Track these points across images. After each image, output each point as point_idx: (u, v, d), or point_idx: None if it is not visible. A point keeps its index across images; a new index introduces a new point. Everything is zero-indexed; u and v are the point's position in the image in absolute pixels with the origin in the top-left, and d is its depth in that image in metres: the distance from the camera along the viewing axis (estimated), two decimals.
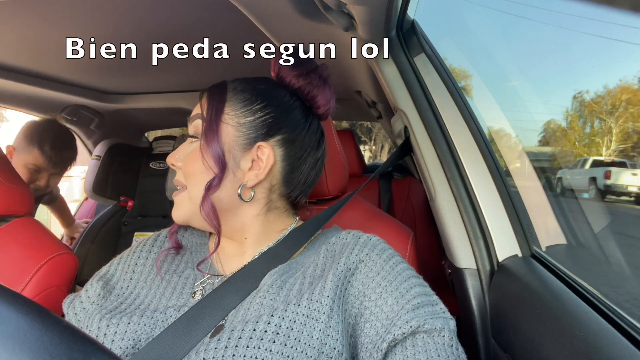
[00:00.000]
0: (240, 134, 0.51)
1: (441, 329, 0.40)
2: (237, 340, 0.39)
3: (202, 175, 0.50)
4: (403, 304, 0.42)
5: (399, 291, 0.44)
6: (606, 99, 3.26)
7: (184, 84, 1.31)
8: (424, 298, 0.44)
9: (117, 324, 0.45)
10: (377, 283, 0.45)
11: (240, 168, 0.51)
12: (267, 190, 0.53)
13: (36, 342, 0.21)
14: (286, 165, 0.53)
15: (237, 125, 0.51)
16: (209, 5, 0.73)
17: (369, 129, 9.23)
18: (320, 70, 0.57)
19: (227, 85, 0.54)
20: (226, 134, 0.51)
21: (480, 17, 1.17)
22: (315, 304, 0.42)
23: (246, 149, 0.51)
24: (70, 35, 0.85)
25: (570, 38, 1.03)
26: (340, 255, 0.48)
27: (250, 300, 0.46)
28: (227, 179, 0.50)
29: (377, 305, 0.43)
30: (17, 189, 0.77)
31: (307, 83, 0.55)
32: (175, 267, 0.54)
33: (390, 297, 0.43)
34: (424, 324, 0.40)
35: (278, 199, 0.55)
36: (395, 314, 0.42)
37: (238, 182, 0.51)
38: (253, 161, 0.51)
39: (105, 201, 1.59)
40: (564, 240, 0.81)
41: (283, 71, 0.56)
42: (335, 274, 0.45)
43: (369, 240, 0.50)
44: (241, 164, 0.51)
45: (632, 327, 0.39)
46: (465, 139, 0.66)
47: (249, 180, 0.51)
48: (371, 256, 0.48)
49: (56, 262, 0.75)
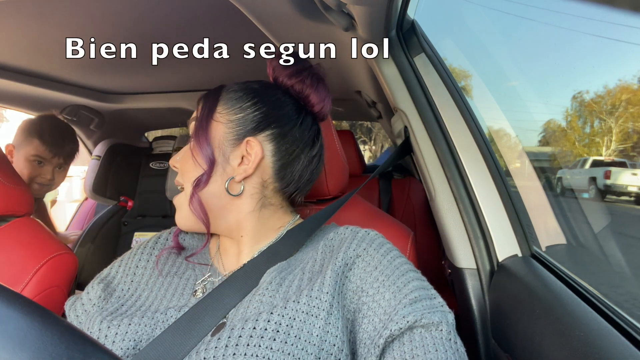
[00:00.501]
0: (230, 130, 0.52)
1: (439, 323, 0.40)
2: (237, 339, 0.39)
3: (193, 172, 0.52)
4: (400, 298, 0.42)
5: (397, 285, 0.43)
6: (606, 99, 3.26)
7: (184, 84, 1.31)
8: (422, 292, 0.43)
9: (117, 325, 0.45)
10: (374, 277, 0.45)
11: (229, 164, 0.52)
12: (260, 186, 0.53)
13: (36, 342, 0.21)
14: (277, 160, 0.53)
15: (227, 122, 0.52)
16: (209, 5, 0.73)
17: (369, 129, 9.23)
18: (314, 69, 0.57)
19: (222, 88, 0.56)
20: (216, 131, 0.52)
21: (480, 17, 1.17)
22: (314, 300, 0.42)
23: (235, 145, 0.52)
24: (70, 35, 0.85)
25: (570, 38, 1.03)
26: (338, 250, 0.48)
27: (249, 298, 0.46)
28: (216, 174, 0.52)
29: (375, 300, 0.43)
30: (17, 189, 0.77)
31: (299, 81, 0.55)
32: (176, 269, 0.55)
33: (388, 291, 0.43)
34: (421, 318, 0.39)
35: (273, 195, 0.55)
36: (393, 308, 0.41)
37: (227, 177, 0.52)
38: (243, 157, 0.52)
39: (105, 201, 1.59)
40: (564, 240, 0.81)
41: (277, 70, 0.57)
42: (333, 269, 0.45)
43: (367, 234, 0.50)
44: (231, 159, 0.52)
45: (632, 327, 0.39)
46: (465, 139, 0.66)
47: (238, 174, 0.52)
48: (368, 250, 0.47)
49: (56, 262, 0.75)
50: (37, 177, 1.15)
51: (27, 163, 1.13)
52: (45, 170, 1.16)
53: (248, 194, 0.53)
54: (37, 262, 0.72)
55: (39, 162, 1.15)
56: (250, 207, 0.53)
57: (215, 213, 0.53)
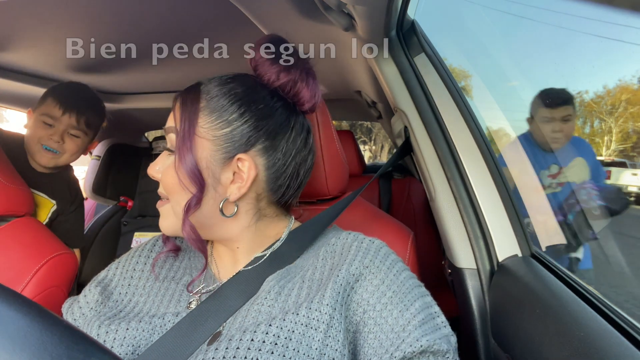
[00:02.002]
0: (217, 147, 0.47)
1: (447, 351, 0.41)
2: (234, 350, 0.38)
3: (181, 193, 0.47)
4: (409, 317, 0.43)
5: (404, 303, 0.44)
6: (606, 99, 3.26)
7: (184, 84, 1.30)
8: (427, 312, 0.44)
9: (115, 330, 0.45)
10: (381, 292, 0.44)
11: (221, 183, 0.47)
12: (254, 200, 0.50)
13: (36, 342, 0.21)
14: (271, 173, 0.49)
15: (213, 139, 0.47)
16: (209, 5, 0.73)
17: (369, 129, 9.22)
18: (302, 63, 0.52)
19: (200, 91, 0.49)
20: (202, 149, 0.47)
21: (480, 17, 1.17)
22: (314, 312, 0.41)
23: (226, 163, 0.47)
24: (70, 35, 0.85)
25: (570, 38, 1.02)
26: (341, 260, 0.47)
27: (248, 307, 0.45)
28: (207, 195, 0.47)
29: (382, 316, 0.43)
30: (17, 189, 0.77)
31: (290, 80, 0.50)
32: (173, 274, 0.54)
33: (395, 309, 0.43)
34: (433, 344, 0.40)
35: (267, 206, 0.52)
36: (401, 328, 0.42)
37: (220, 197, 0.48)
38: (234, 173, 0.48)
39: (105, 201, 1.59)
40: (564, 240, 0.81)
41: (262, 67, 0.51)
42: (336, 281, 0.44)
43: (372, 244, 0.49)
44: (222, 179, 0.47)
45: (632, 327, 0.39)
46: (465, 139, 0.66)
47: (232, 194, 0.48)
48: (375, 262, 0.47)
49: (56, 262, 0.75)
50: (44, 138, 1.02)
51: (37, 123, 1.02)
52: (53, 131, 1.02)
53: (243, 210, 0.50)
54: (37, 262, 0.72)
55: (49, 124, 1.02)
56: (245, 222, 0.50)
57: (209, 229, 0.50)
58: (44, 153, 1.03)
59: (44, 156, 1.04)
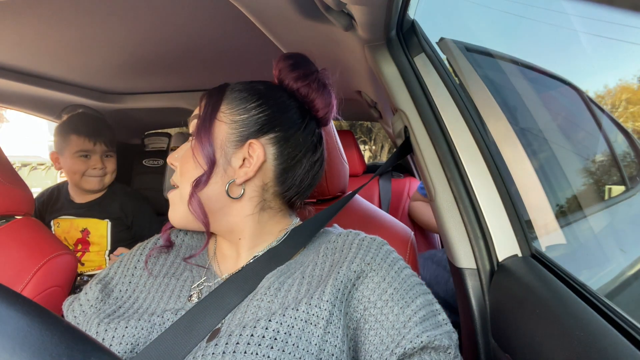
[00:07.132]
0: (233, 131, 0.51)
1: (448, 347, 0.42)
2: (234, 346, 0.38)
3: (193, 172, 0.51)
4: (410, 314, 0.43)
5: (405, 300, 0.44)
6: (606, 99, 3.26)
7: (184, 84, 1.31)
8: (428, 309, 0.45)
9: (114, 328, 0.45)
10: (383, 289, 0.45)
11: (231, 165, 0.51)
12: (260, 189, 0.53)
13: (36, 342, 0.21)
14: (279, 164, 0.53)
15: (230, 122, 0.51)
16: (210, 5, 0.73)
17: (369, 129, 9.23)
18: (320, 75, 0.57)
19: (226, 87, 0.55)
20: (219, 131, 0.51)
21: (480, 17, 1.17)
22: (314, 309, 0.42)
23: (238, 146, 0.51)
24: (70, 35, 0.85)
25: (570, 38, 1.03)
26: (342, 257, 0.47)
27: (247, 303, 0.45)
28: (217, 175, 0.51)
29: (383, 313, 0.43)
30: (17, 189, 0.77)
31: (305, 86, 0.55)
32: (174, 270, 0.54)
33: (397, 306, 0.44)
34: (434, 340, 0.41)
35: (272, 198, 0.54)
36: (402, 324, 0.42)
37: (228, 179, 0.51)
38: (244, 159, 0.51)
39: None
40: (564, 240, 0.81)
41: (283, 72, 0.56)
42: (336, 278, 0.44)
43: (373, 241, 0.50)
44: (232, 161, 0.51)
45: (632, 327, 0.39)
46: (465, 139, 0.66)
47: (238, 177, 0.51)
48: (376, 259, 0.47)
49: (56, 262, 0.75)
50: (88, 169, 1.18)
51: (74, 160, 1.17)
52: (93, 161, 1.19)
53: (248, 196, 0.52)
54: (37, 262, 0.72)
55: (85, 155, 1.18)
56: (249, 210, 0.53)
57: (214, 214, 0.52)
58: (90, 180, 1.20)
59: (91, 182, 1.20)
